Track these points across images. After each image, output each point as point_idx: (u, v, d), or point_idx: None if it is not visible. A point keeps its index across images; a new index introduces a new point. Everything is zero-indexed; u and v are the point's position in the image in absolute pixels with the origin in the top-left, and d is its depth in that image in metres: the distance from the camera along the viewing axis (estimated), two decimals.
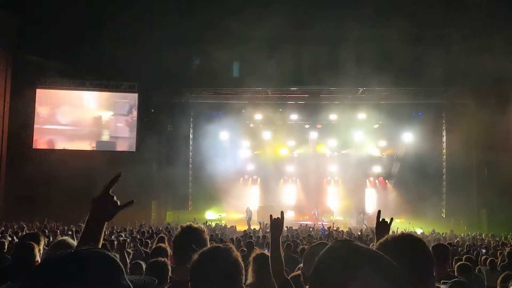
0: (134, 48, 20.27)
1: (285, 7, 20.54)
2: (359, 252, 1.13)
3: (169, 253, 4.81)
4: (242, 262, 1.80)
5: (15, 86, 21.55)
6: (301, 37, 21.51)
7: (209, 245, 2.44)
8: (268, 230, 16.96)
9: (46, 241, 5.08)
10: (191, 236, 2.43)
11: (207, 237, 2.48)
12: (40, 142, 22.48)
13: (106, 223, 1.83)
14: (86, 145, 23.03)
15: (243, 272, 1.81)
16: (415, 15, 19.30)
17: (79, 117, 23.30)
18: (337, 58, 21.33)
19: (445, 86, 21.59)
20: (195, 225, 2.54)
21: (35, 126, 22.30)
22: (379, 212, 2.97)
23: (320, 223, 22.72)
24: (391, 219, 2.95)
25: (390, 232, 2.71)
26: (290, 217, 23.12)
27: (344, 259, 1.11)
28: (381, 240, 1.85)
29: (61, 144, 22.72)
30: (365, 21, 20.46)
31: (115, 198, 1.83)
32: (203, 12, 20.54)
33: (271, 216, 3.16)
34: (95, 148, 22.98)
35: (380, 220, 2.89)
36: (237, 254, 1.82)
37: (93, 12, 20.34)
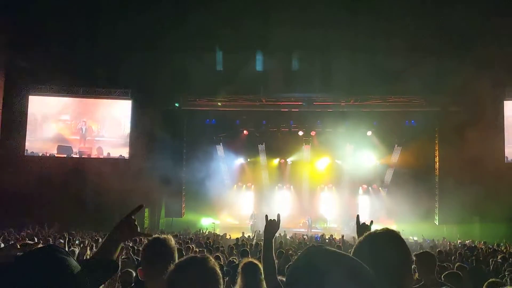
0: (128, 55, 20.27)
1: (278, 16, 20.67)
2: (330, 256, 1.18)
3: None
4: (219, 272, 1.80)
5: (7, 93, 21.47)
6: (295, 45, 21.63)
7: (176, 254, 2.44)
8: (262, 238, 16.97)
9: None
10: (158, 247, 2.43)
11: (175, 246, 2.47)
12: (32, 148, 22.35)
13: (122, 243, 2.11)
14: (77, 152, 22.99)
15: (221, 281, 1.80)
16: (408, 24, 19.47)
17: (71, 124, 23.22)
18: (331, 66, 21.46)
19: (438, 94, 21.74)
20: (162, 236, 2.54)
21: (28, 132, 22.20)
22: (357, 216, 2.98)
23: (314, 230, 22.74)
24: (371, 222, 2.96)
25: None
26: (284, 225, 23.07)
27: (316, 263, 1.16)
28: (361, 238, 1.87)
29: (54, 151, 22.60)
30: (358, 29, 20.64)
31: (136, 223, 2.13)
32: (198, 19, 20.59)
33: (266, 216, 3.17)
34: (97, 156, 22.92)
35: (360, 224, 2.90)
36: (214, 263, 1.81)
37: (86, 18, 20.31)
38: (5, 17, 20.02)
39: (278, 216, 3.22)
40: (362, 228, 2.89)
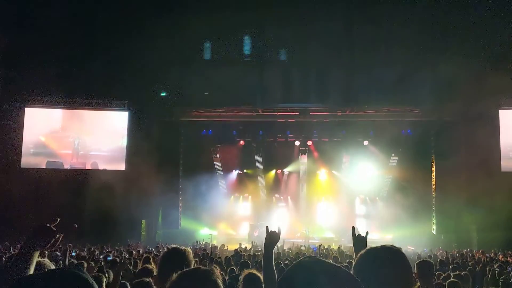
0: (125, 66, 20.33)
1: (275, 26, 20.83)
2: (321, 267, 1.22)
3: (154, 273, 4.77)
4: (221, 284, 1.80)
5: (3, 105, 21.39)
6: (291, 55, 21.76)
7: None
8: (259, 249, 16.90)
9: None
10: (176, 258, 2.44)
11: (192, 260, 2.49)
12: (28, 161, 22.07)
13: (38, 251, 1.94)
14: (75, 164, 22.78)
15: None
16: (403, 34, 19.65)
17: (63, 137, 22.72)
18: (326, 76, 21.58)
19: (434, 104, 21.87)
20: (181, 247, 2.56)
21: (24, 145, 21.99)
22: (353, 228, 3.00)
23: (311, 241, 22.68)
24: (367, 233, 2.98)
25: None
26: (281, 235, 22.96)
27: (308, 273, 1.20)
28: (362, 252, 1.88)
29: (42, 166, 22.10)
30: (354, 41, 20.81)
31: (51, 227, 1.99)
32: (193, 31, 20.73)
33: (267, 228, 3.18)
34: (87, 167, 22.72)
35: (356, 235, 2.92)
36: (218, 275, 1.81)
37: (83, 30, 20.38)
38: (2, 29, 20.07)
39: (279, 227, 3.23)
40: (358, 239, 2.91)
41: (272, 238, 3.15)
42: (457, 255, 16.07)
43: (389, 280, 1.75)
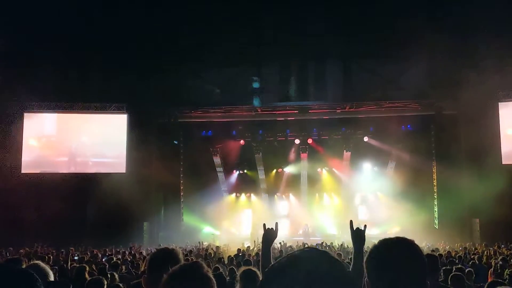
0: (123, 69, 20.32)
1: (271, 23, 20.83)
2: (321, 257, 1.19)
3: None
4: (213, 278, 1.80)
5: (1, 110, 21.35)
6: (288, 53, 21.75)
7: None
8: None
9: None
10: (166, 257, 2.46)
11: (182, 259, 2.51)
12: (28, 167, 21.97)
13: None
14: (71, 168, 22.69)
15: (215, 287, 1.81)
16: (398, 28, 19.62)
17: (57, 142, 22.58)
18: (324, 73, 21.58)
19: (432, 99, 21.84)
20: (170, 247, 2.57)
21: (23, 149, 21.92)
22: (351, 222, 2.98)
23: (313, 238, 22.68)
24: (365, 226, 2.96)
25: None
26: (283, 233, 23.01)
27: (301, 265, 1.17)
28: (376, 245, 1.83)
29: (49, 168, 22.20)
30: (350, 36, 20.80)
31: None
32: (190, 32, 20.74)
33: (264, 225, 3.18)
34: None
35: (354, 229, 2.90)
36: (208, 270, 1.82)
37: (80, 33, 20.37)
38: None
39: (276, 224, 3.24)
40: (356, 233, 2.89)
41: (269, 235, 3.15)
42: (460, 249, 16.07)
43: (404, 272, 1.70)
